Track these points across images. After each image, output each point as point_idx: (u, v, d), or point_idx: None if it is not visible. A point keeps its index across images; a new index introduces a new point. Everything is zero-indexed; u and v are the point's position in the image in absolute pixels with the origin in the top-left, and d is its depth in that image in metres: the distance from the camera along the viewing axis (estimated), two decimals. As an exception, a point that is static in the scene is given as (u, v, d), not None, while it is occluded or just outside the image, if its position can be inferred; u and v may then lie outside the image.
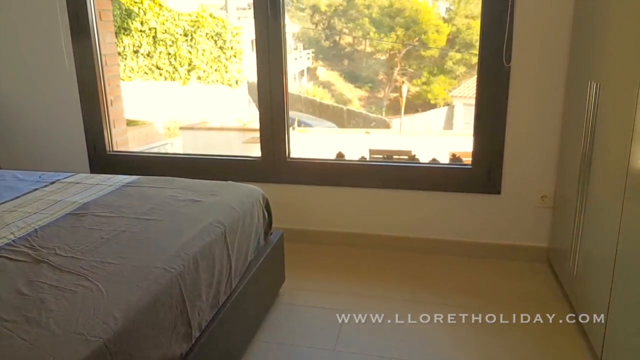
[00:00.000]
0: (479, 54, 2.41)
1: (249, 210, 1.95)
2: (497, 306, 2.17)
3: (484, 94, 2.43)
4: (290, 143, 2.77)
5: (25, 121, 2.96)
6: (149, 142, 8.30)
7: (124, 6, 9.44)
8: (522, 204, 2.53)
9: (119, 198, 1.96)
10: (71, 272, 1.38)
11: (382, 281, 2.44)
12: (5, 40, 2.84)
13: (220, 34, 11.25)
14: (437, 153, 5.98)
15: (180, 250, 1.51)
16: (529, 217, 2.54)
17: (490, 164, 2.50)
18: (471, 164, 2.57)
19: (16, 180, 2.21)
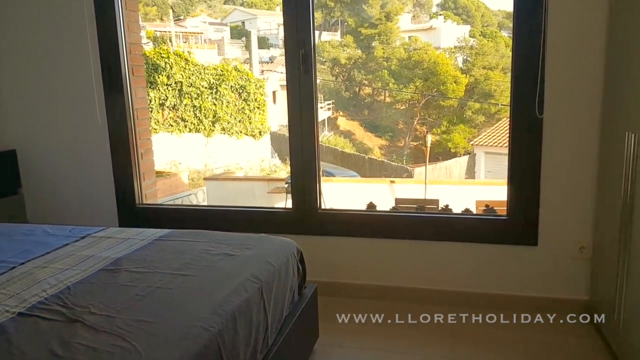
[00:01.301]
0: (511, 104, 2.41)
1: (284, 264, 1.90)
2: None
3: (517, 144, 2.41)
4: (322, 195, 2.74)
5: (55, 174, 3.02)
6: (173, 192, 8.40)
7: (151, 61, 9.87)
8: (559, 255, 2.45)
9: (152, 253, 1.93)
10: (107, 331, 1.33)
11: (418, 338, 2.32)
12: (40, 95, 2.95)
13: (245, 87, 11.60)
14: (463, 202, 5.88)
15: (217, 308, 1.46)
16: (566, 269, 2.45)
17: (526, 214, 2.44)
18: (506, 214, 2.51)
19: (46, 235, 2.20)
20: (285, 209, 2.88)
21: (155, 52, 10.15)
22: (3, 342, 1.29)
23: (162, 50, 10.31)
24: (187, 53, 10.95)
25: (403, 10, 18.41)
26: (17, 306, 1.50)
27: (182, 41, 16.96)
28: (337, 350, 2.23)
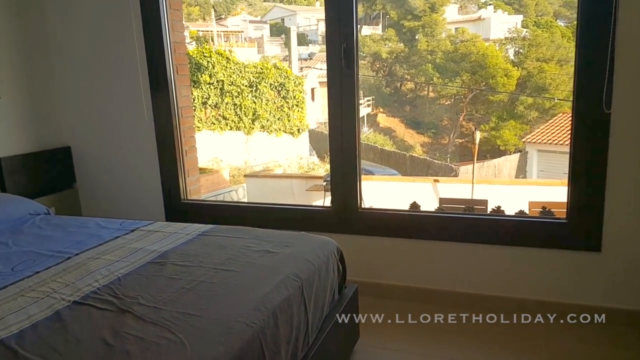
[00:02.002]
0: (573, 99, 2.28)
1: (325, 263, 1.94)
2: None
3: (580, 142, 2.29)
4: (362, 194, 2.77)
5: (107, 170, 3.18)
6: (215, 188, 8.63)
7: (194, 60, 10.14)
8: (625, 263, 2.33)
9: (196, 247, 2.02)
10: (154, 323, 1.41)
11: (461, 344, 2.30)
12: (93, 94, 3.11)
13: (284, 84, 11.73)
14: (514, 203, 5.74)
15: (259, 304, 1.52)
16: (633, 277, 2.33)
17: (589, 218, 2.32)
18: (566, 217, 2.39)
19: (99, 227, 2.34)
20: (324, 207, 2.91)
21: (198, 51, 10.44)
22: (60, 328, 1.40)
23: (205, 49, 10.59)
24: (228, 52, 11.19)
25: (449, 1, 18.05)
26: (72, 295, 1.61)
27: (224, 40, 17.32)
28: (378, 352, 2.25)
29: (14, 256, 1.97)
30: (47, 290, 1.65)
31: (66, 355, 1.25)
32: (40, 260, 1.92)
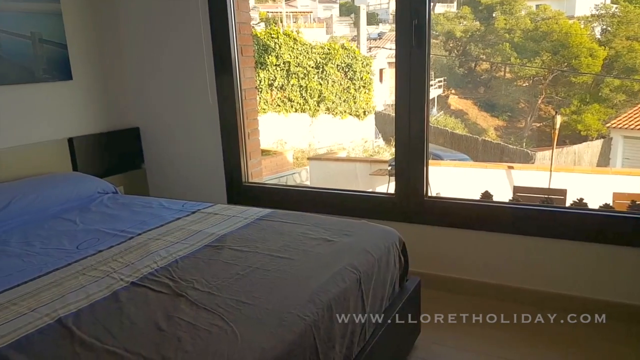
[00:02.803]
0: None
1: (385, 255, 1.84)
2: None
3: None
4: (429, 180, 2.62)
5: (173, 151, 3.25)
6: (278, 171, 8.72)
7: (262, 41, 10.21)
8: None
9: (254, 232, 1.99)
10: (207, 309, 1.39)
11: (531, 346, 2.13)
12: (160, 76, 3.17)
13: (351, 65, 11.56)
14: (595, 193, 5.30)
15: (314, 296, 1.45)
16: None
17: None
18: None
19: (162, 208, 2.38)
20: (387, 194, 2.80)
21: (266, 32, 10.50)
22: (116, 309, 1.41)
23: (272, 30, 10.63)
24: (296, 32, 11.16)
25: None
26: (130, 275, 1.63)
27: (292, 21, 17.34)
28: (439, 348, 2.14)
29: (80, 234, 2.04)
30: (107, 269, 1.68)
31: (119, 339, 1.26)
32: (104, 239, 1.97)
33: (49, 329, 1.30)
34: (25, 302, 1.45)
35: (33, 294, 1.51)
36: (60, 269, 1.70)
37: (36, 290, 1.53)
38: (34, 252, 1.85)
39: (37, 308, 1.41)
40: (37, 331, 1.29)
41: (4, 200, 2.20)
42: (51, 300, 1.46)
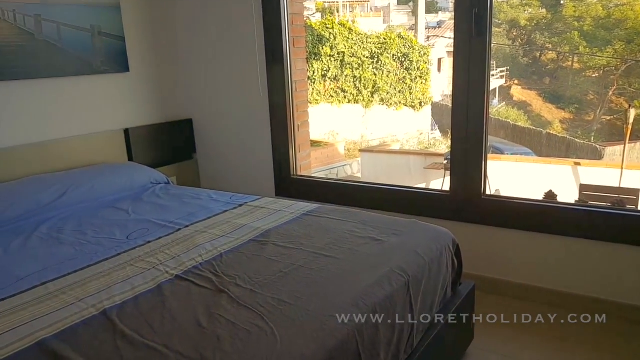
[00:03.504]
0: None
1: (437, 258, 1.74)
2: None
3: None
4: (488, 177, 2.48)
5: (223, 142, 3.27)
6: (329, 162, 8.68)
7: (317, 32, 10.15)
8: None
9: (299, 228, 1.95)
10: (248, 307, 1.36)
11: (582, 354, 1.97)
12: (208, 69, 3.18)
13: (407, 55, 11.28)
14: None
15: (358, 299, 1.39)
16: None
17: None
18: None
19: (210, 200, 2.39)
20: (442, 191, 2.68)
21: (321, 23, 10.42)
22: (158, 303, 1.41)
23: (328, 20, 10.54)
24: (351, 22, 11.01)
25: (604, -40, 15.80)
26: (175, 268, 1.63)
27: (349, 10, 17.16)
28: (493, 357, 2.02)
29: (131, 224, 2.08)
30: (154, 261, 1.69)
31: (159, 334, 1.25)
32: (153, 230, 2.00)
33: (93, 320, 1.32)
34: (73, 291, 1.48)
35: (82, 283, 1.54)
36: (110, 259, 1.73)
37: (85, 280, 1.56)
38: (86, 241, 1.90)
39: (84, 298, 1.44)
40: (82, 322, 1.31)
41: (62, 189, 2.27)
42: (98, 291, 1.48)
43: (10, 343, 1.20)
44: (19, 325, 1.28)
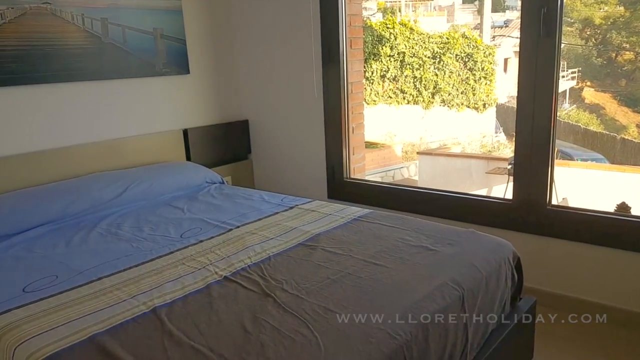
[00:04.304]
0: None
1: (495, 271, 1.65)
2: None
3: None
4: (555, 185, 2.33)
5: (277, 144, 3.29)
6: (385, 164, 8.57)
7: (377, 32, 10.05)
8: None
9: (350, 233, 1.91)
10: (294, 314, 1.34)
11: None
12: (265, 71, 3.21)
13: (471, 55, 10.93)
14: None
15: (407, 312, 1.33)
16: None
17: None
18: None
19: (261, 201, 2.41)
20: (503, 199, 2.55)
21: (381, 23, 10.31)
22: (206, 304, 1.42)
23: (388, 20, 10.41)
24: (413, 22, 10.82)
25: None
26: (224, 269, 1.64)
27: (411, 10, 16.90)
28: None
29: (185, 222, 2.13)
30: (204, 261, 1.72)
31: (205, 336, 1.26)
32: (206, 229, 2.03)
33: (143, 318, 1.35)
34: (127, 287, 1.53)
35: (135, 280, 1.58)
36: (163, 256, 1.77)
37: (138, 277, 1.60)
38: (142, 238, 1.96)
39: (137, 295, 1.47)
40: (133, 319, 1.34)
41: (122, 186, 2.36)
42: (150, 289, 1.52)
43: (64, 336, 1.25)
44: (74, 319, 1.34)
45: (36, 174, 2.38)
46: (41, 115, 2.43)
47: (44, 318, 1.34)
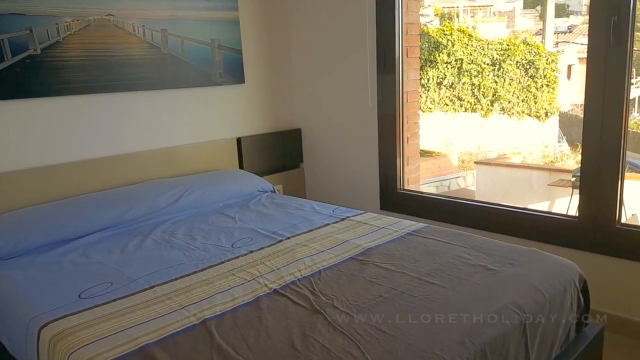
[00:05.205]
0: None
1: (559, 294, 1.54)
2: None
3: None
4: (624, 202, 2.17)
5: (329, 154, 3.27)
6: (441, 174, 8.36)
7: (433, 39, 9.88)
8: None
9: (403, 248, 1.85)
10: (344, 333, 1.30)
11: None
12: (319, 80, 3.20)
13: (533, 62, 10.52)
14: None
15: (465, 337, 1.26)
16: None
17: None
18: None
19: (313, 211, 2.39)
20: (568, 216, 2.40)
21: (439, 30, 10.12)
22: (255, 318, 1.41)
23: (446, 27, 10.21)
24: (472, 28, 10.55)
25: None
26: (274, 282, 1.63)
27: (470, 16, 16.53)
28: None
29: (236, 232, 2.14)
30: (254, 272, 1.71)
31: (254, 352, 1.24)
32: (256, 240, 2.03)
33: (193, 330, 1.35)
34: (178, 297, 1.54)
35: (186, 289, 1.60)
36: (214, 266, 1.78)
37: (189, 287, 1.61)
38: (195, 247, 1.98)
39: (187, 306, 1.48)
40: (183, 330, 1.35)
41: (177, 194, 2.41)
42: (200, 299, 1.52)
43: (116, 345, 1.27)
44: (126, 328, 1.36)
45: (94, 181, 2.47)
46: (102, 123, 2.53)
47: (98, 325, 1.37)
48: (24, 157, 2.30)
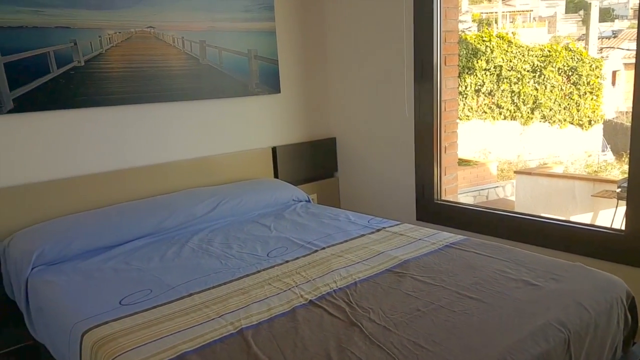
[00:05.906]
0: None
1: (606, 311, 1.49)
2: None
3: None
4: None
5: (365, 163, 3.26)
6: (479, 183, 8.21)
7: (472, 46, 9.76)
8: None
9: (441, 261, 1.83)
10: (381, 346, 1.30)
11: None
12: (354, 90, 3.21)
13: (576, 69, 10.24)
14: None
15: (506, 354, 1.24)
16: None
17: None
18: None
19: (348, 222, 2.39)
20: (614, 229, 2.32)
21: (477, 36, 9.99)
22: (291, 329, 1.42)
23: (484, 33, 10.06)
24: (511, 34, 10.37)
25: None
26: (310, 293, 1.64)
27: (509, 21, 16.26)
28: None
29: (272, 241, 2.16)
30: (290, 282, 1.72)
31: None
32: (292, 249, 2.05)
33: (230, 339, 1.37)
34: (215, 305, 1.57)
35: (223, 298, 1.62)
36: (250, 275, 1.81)
37: (226, 295, 1.64)
38: (231, 255, 2.01)
39: (224, 314, 1.51)
40: (220, 339, 1.37)
41: (214, 203, 2.46)
42: (237, 308, 1.55)
43: (156, 352, 1.31)
44: (166, 335, 1.39)
45: (134, 189, 2.55)
46: (142, 133, 2.61)
47: (139, 332, 1.41)
48: (70, 166, 2.40)
